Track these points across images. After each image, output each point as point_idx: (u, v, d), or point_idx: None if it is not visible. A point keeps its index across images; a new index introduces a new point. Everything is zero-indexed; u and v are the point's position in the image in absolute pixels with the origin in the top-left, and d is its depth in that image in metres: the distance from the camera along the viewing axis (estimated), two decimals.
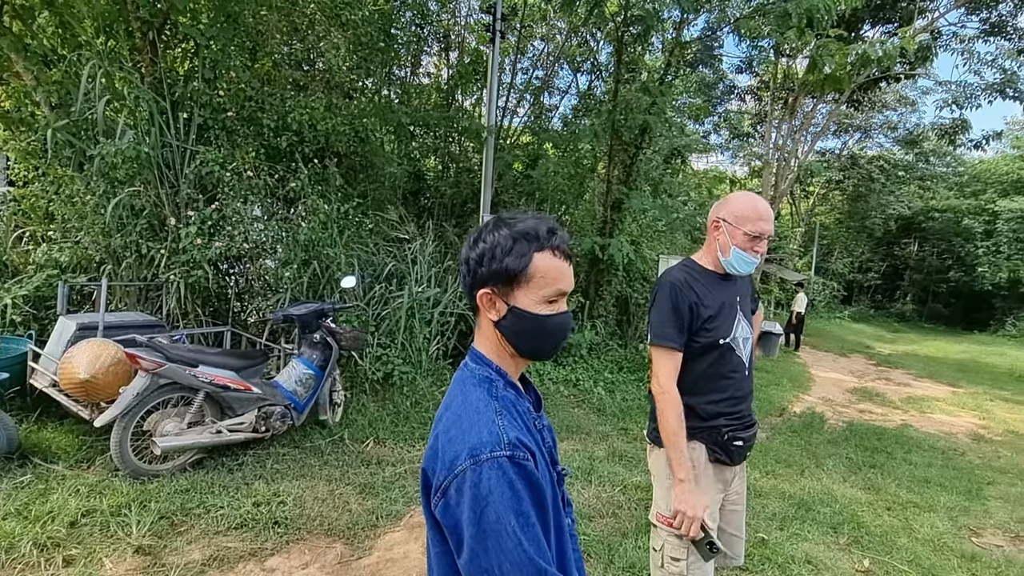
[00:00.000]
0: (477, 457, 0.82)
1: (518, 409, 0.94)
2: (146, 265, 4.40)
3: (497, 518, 0.80)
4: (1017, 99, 12.77)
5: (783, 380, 8.34)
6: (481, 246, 0.94)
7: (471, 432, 0.86)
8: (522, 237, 0.92)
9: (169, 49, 4.92)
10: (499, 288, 0.94)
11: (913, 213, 24.82)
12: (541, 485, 0.86)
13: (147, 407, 3.19)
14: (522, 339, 0.96)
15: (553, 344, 0.99)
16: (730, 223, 1.73)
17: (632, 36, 7.30)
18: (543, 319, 0.94)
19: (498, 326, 0.96)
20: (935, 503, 3.97)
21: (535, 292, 0.93)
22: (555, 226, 0.95)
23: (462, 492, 0.82)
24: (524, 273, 0.92)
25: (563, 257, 0.94)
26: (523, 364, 1.02)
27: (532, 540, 0.81)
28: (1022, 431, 6.29)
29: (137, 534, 2.63)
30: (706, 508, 1.66)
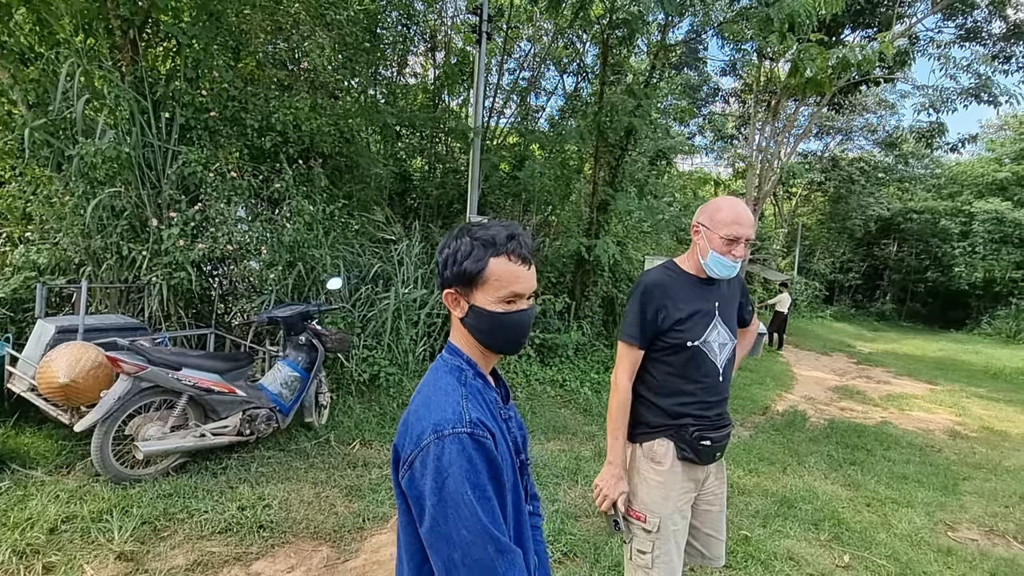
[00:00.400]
0: (440, 432, 0.91)
1: (484, 397, 1.03)
2: (127, 267, 4.34)
3: (456, 488, 0.88)
4: (991, 103, 13.09)
5: (766, 379, 8.46)
6: (446, 251, 1.05)
7: (437, 410, 0.95)
8: (480, 243, 1.02)
9: (150, 48, 4.86)
10: (460, 289, 1.04)
11: (892, 214, 25.29)
12: (498, 463, 0.94)
13: (129, 411, 3.15)
14: (484, 335, 1.05)
15: (513, 339, 1.08)
16: (708, 227, 1.76)
17: (617, 39, 7.35)
18: (500, 316, 1.03)
19: (463, 323, 1.06)
20: (913, 499, 4.06)
21: (491, 293, 1.02)
22: (516, 233, 1.04)
23: (426, 465, 0.90)
24: (480, 275, 1.01)
25: (519, 261, 1.02)
26: (492, 358, 1.11)
27: (488, 511, 0.89)
28: (997, 427, 6.45)
29: (119, 540, 2.59)
30: (622, 493, 1.79)
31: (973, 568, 3.13)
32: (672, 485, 1.78)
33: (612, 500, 1.78)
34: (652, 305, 1.77)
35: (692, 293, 1.80)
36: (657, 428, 1.81)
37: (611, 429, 1.80)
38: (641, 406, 1.82)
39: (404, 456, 0.95)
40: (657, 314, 1.76)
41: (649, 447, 1.81)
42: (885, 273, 27.16)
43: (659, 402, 1.80)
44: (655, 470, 1.79)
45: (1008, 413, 7.27)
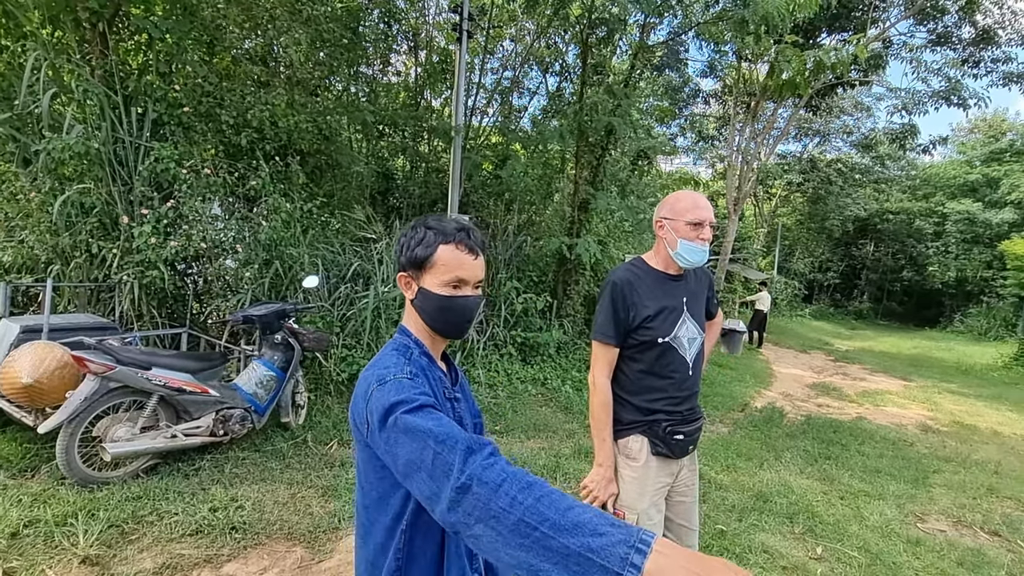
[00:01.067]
0: (382, 380, 1.00)
1: (428, 374, 1.09)
2: (97, 265, 4.24)
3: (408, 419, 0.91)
4: (961, 106, 13.43)
5: (746, 376, 8.56)
6: (403, 240, 1.15)
7: (379, 368, 1.04)
8: (433, 232, 1.11)
9: (121, 41, 4.75)
10: (412, 272, 1.13)
11: (869, 215, 25.83)
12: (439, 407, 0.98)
13: (96, 412, 3.07)
14: (430, 316, 1.13)
15: (456, 322, 1.14)
16: (671, 218, 1.79)
17: (597, 39, 7.39)
18: (445, 299, 1.11)
19: (413, 304, 1.15)
20: (885, 491, 4.13)
21: (438, 276, 1.10)
22: (467, 227, 1.13)
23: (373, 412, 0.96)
24: (428, 260, 1.10)
25: (466, 251, 1.11)
26: (440, 342, 1.19)
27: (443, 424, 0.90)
28: (966, 422, 6.61)
29: (84, 544, 2.52)
30: (613, 496, 1.81)
31: (941, 558, 3.20)
32: (647, 481, 1.79)
33: (602, 502, 1.80)
34: (623, 302, 1.78)
35: (660, 289, 1.82)
36: (630, 425, 1.82)
37: (597, 431, 1.80)
38: (614, 403, 1.83)
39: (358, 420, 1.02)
40: (628, 311, 1.77)
41: (624, 444, 1.83)
42: (862, 272, 27.73)
43: (631, 399, 1.82)
44: (630, 466, 1.80)
45: (978, 408, 7.46)
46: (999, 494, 4.28)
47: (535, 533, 0.73)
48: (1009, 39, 12.52)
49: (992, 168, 21.98)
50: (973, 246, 21.46)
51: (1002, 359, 11.21)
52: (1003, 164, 21.80)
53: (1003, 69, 12.93)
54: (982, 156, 23.23)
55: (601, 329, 1.80)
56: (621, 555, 0.68)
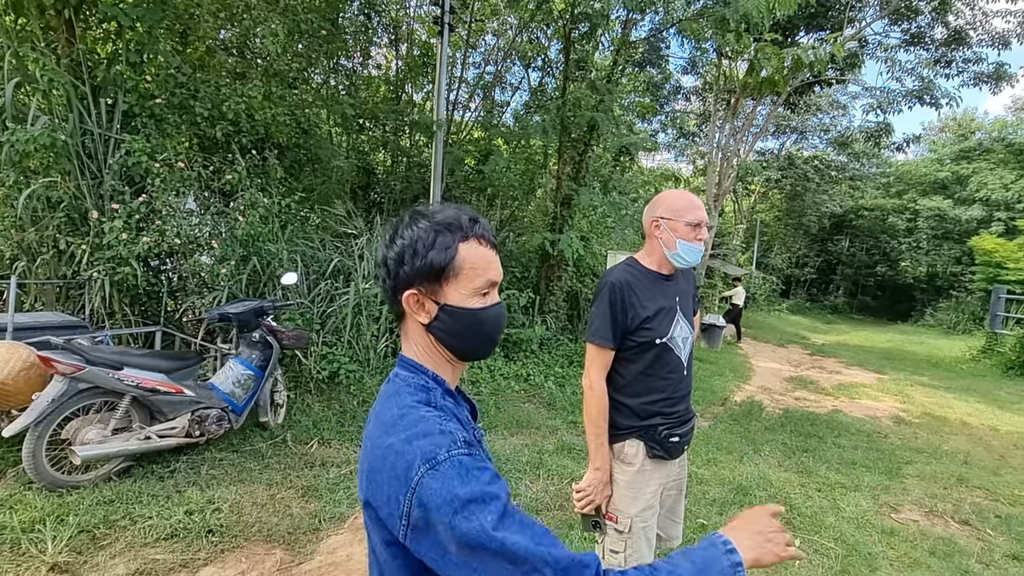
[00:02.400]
0: (433, 458, 0.73)
1: (459, 418, 0.87)
2: (66, 262, 4.10)
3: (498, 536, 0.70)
4: (933, 105, 13.76)
5: (726, 371, 8.68)
6: (400, 243, 0.86)
7: (419, 438, 0.76)
8: (444, 228, 0.85)
9: (89, 29, 4.59)
10: (426, 287, 0.85)
11: (845, 211, 26.37)
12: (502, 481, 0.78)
13: (64, 414, 2.97)
14: (459, 339, 0.88)
15: (491, 340, 0.92)
16: (669, 218, 1.77)
17: (580, 34, 7.37)
18: (479, 313, 0.87)
19: (430, 329, 0.87)
20: (860, 483, 4.22)
21: (466, 285, 0.85)
22: (476, 215, 0.90)
23: (428, 509, 0.71)
24: (451, 266, 0.84)
25: (489, 245, 0.89)
26: (460, 369, 0.95)
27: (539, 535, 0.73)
28: (937, 413, 6.80)
29: (52, 550, 2.44)
30: (608, 497, 1.80)
31: (914, 547, 3.28)
32: (642, 484, 1.79)
33: (597, 504, 1.79)
34: (621, 304, 1.75)
35: (655, 290, 1.81)
36: (627, 430, 1.80)
37: (594, 435, 1.77)
38: (610, 408, 1.80)
39: (393, 512, 0.74)
40: (626, 313, 1.75)
41: (619, 448, 1.81)
42: (838, 268, 28.32)
43: (629, 402, 1.79)
44: (625, 471, 1.80)
45: (947, 400, 7.67)
46: (968, 484, 4.40)
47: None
48: (980, 40, 12.85)
49: (961, 166, 22.59)
50: (943, 242, 22.07)
51: (970, 352, 11.54)
52: (972, 162, 22.43)
53: (974, 69, 13.27)
54: (952, 154, 23.86)
55: (598, 332, 1.76)
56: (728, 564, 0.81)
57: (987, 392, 8.29)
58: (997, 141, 22.11)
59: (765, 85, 9.36)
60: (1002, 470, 4.79)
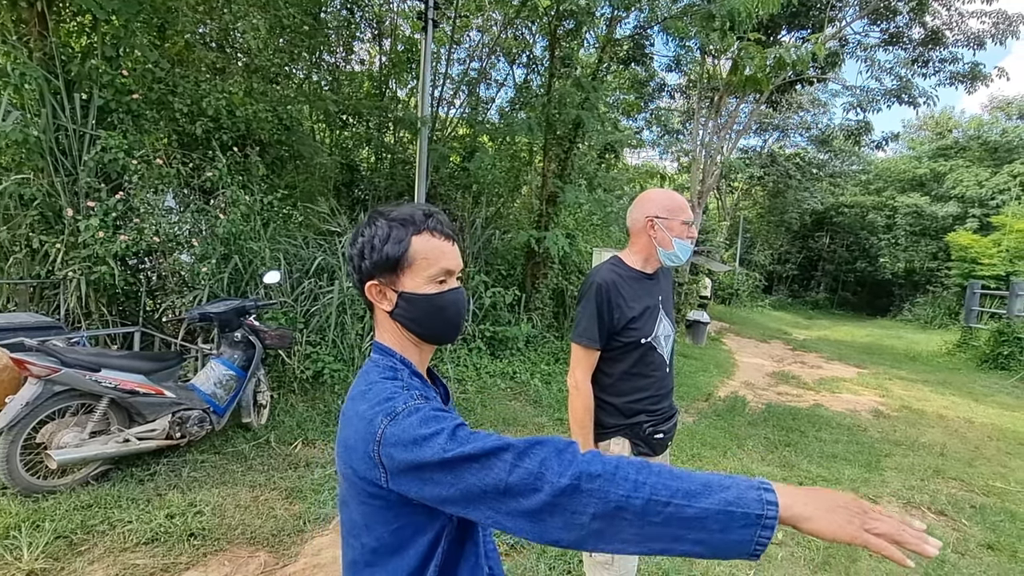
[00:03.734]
0: (392, 412, 0.82)
1: (426, 396, 0.92)
2: (40, 261, 4.00)
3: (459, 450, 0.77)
4: (911, 104, 14.00)
5: (710, 366, 8.77)
6: (360, 240, 0.96)
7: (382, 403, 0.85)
8: (398, 223, 0.94)
9: (62, 22, 4.47)
10: (385, 277, 0.95)
11: (825, 208, 26.75)
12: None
13: (40, 417, 2.91)
14: (419, 323, 0.97)
15: (450, 323, 0.99)
16: (665, 217, 1.78)
17: (565, 31, 7.37)
18: (435, 298, 0.95)
19: (393, 316, 0.97)
20: (840, 476, 4.30)
21: (420, 274, 0.94)
22: (433, 211, 0.97)
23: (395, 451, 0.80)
24: (405, 257, 0.93)
25: (443, 237, 0.96)
26: (428, 352, 1.03)
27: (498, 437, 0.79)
28: (915, 407, 6.94)
29: (28, 557, 2.39)
30: None
31: None
32: None
33: None
34: (607, 305, 1.76)
35: (640, 289, 1.82)
36: (612, 428, 1.82)
37: (580, 433, 1.79)
38: (595, 407, 1.81)
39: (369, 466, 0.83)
40: (612, 313, 1.75)
41: (605, 447, 1.83)
42: (819, 264, 28.75)
43: (614, 401, 1.80)
44: None
45: (924, 393, 7.84)
46: (944, 475, 4.50)
47: (667, 508, 0.72)
48: (956, 40, 13.09)
49: (939, 163, 23.04)
50: (921, 238, 22.51)
51: (946, 346, 11.80)
52: (949, 160, 22.90)
53: (950, 69, 13.52)
54: (930, 152, 24.33)
55: (584, 332, 1.77)
56: (755, 498, 0.72)
57: (962, 385, 8.49)
58: (973, 139, 22.59)
59: (748, 83, 9.44)
60: (976, 461, 4.91)
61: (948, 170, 22.28)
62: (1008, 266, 14.73)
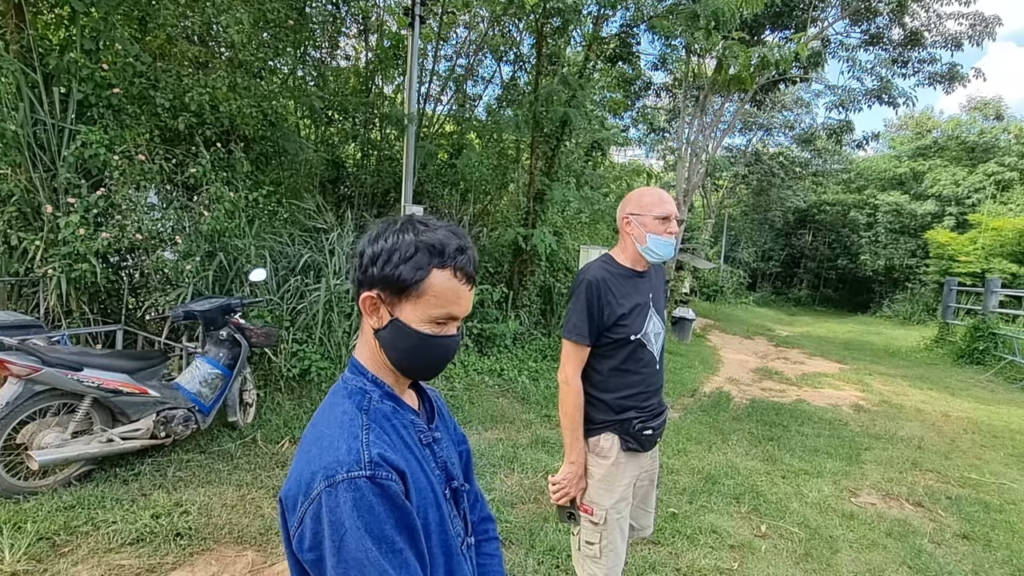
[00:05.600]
0: (332, 479, 0.76)
1: (393, 423, 0.88)
2: (18, 259, 3.92)
3: (356, 546, 0.74)
4: (891, 104, 14.27)
5: (695, 363, 8.87)
6: (380, 244, 0.87)
7: (329, 450, 0.80)
8: (426, 248, 0.85)
9: (40, 14, 4.37)
10: (386, 295, 0.87)
11: (808, 206, 27.15)
12: (407, 508, 0.81)
13: (20, 417, 2.86)
14: (400, 354, 0.89)
15: (432, 366, 0.92)
16: (638, 214, 1.80)
17: (552, 29, 7.38)
18: (427, 339, 0.87)
19: (377, 335, 0.89)
20: (822, 469, 4.39)
21: (424, 309, 0.86)
22: (466, 245, 0.89)
23: (319, 520, 0.75)
24: (417, 287, 0.85)
25: (464, 280, 0.88)
26: (404, 380, 0.95)
27: (398, 566, 0.76)
28: (894, 401, 7.10)
29: (10, 559, 2.35)
30: (583, 490, 1.84)
31: (872, 529, 3.44)
32: (617, 477, 1.83)
33: (572, 497, 1.83)
34: (597, 302, 1.78)
35: (630, 286, 1.84)
36: (602, 424, 1.84)
37: (570, 429, 1.81)
38: (585, 402, 1.83)
39: (293, 510, 0.79)
40: (602, 310, 1.77)
41: (595, 442, 1.85)
42: (802, 261, 29.16)
43: (603, 397, 1.83)
44: (600, 464, 1.83)
45: (903, 388, 8.02)
46: (922, 467, 4.62)
47: None
48: (934, 41, 13.35)
49: (918, 163, 23.48)
50: (900, 236, 22.93)
51: (924, 342, 12.07)
52: (928, 159, 23.34)
53: (928, 69, 13.80)
54: (910, 151, 24.78)
55: (575, 329, 1.79)
56: None
57: (939, 380, 8.70)
58: (952, 139, 23.03)
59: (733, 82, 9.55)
60: (952, 454, 5.05)
61: (927, 169, 22.72)
62: (984, 263, 15.08)
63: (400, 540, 0.78)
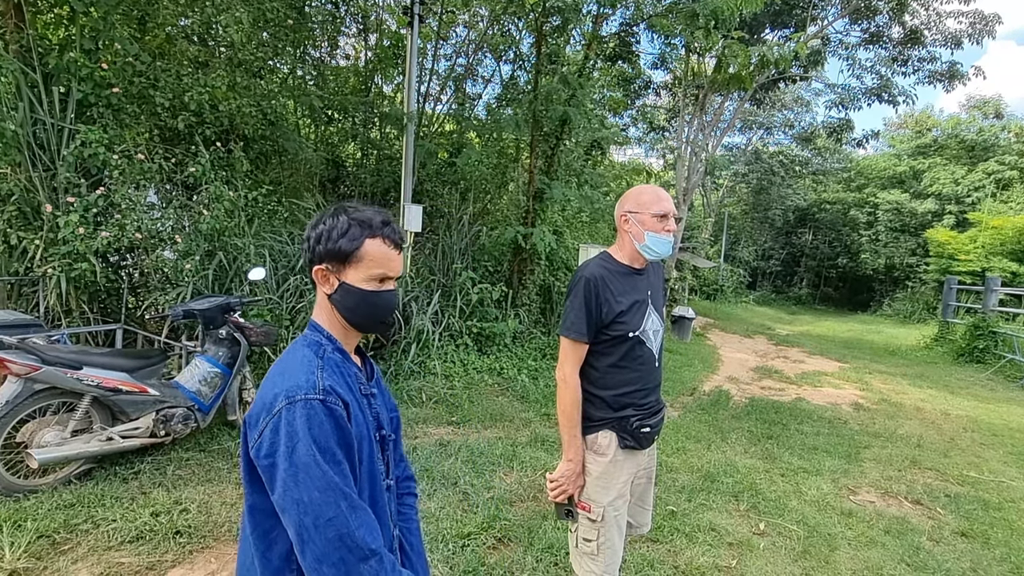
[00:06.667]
0: (292, 398, 0.95)
1: (343, 370, 1.07)
2: (18, 258, 3.93)
3: (306, 451, 0.92)
4: (891, 102, 14.26)
5: (695, 361, 8.88)
6: (320, 227, 1.07)
7: (290, 377, 0.98)
8: (357, 223, 1.06)
9: (39, 14, 4.38)
10: (333, 265, 1.07)
11: (808, 205, 27.13)
12: (349, 430, 0.99)
13: (20, 416, 2.87)
14: (351, 312, 1.10)
15: (378, 318, 1.12)
16: (636, 211, 1.81)
17: (552, 27, 7.38)
18: (370, 295, 1.08)
19: (330, 299, 1.10)
20: (821, 467, 4.39)
21: (364, 272, 1.07)
22: (389, 219, 1.10)
23: (277, 431, 0.93)
24: (355, 254, 1.06)
25: (392, 246, 1.09)
26: (355, 336, 1.15)
27: (338, 472, 0.94)
28: (893, 400, 7.10)
29: (11, 557, 2.36)
30: (580, 487, 1.85)
31: (870, 527, 3.44)
32: (614, 474, 1.83)
33: (569, 494, 1.84)
34: (595, 299, 1.78)
35: (628, 284, 1.84)
36: (600, 421, 1.84)
37: (568, 427, 1.81)
38: (583, 400, 1.83)
39: (256, 425, 0.96)
40: (600, 308, 1.78)
41: (592, 439, 1.85)
42: (802, 260, 29.13)
43: (602, 394, 1.83)
44: (598, 462, 1.83)
45: (903, 386, 8.03)
46: (921, 466, 4.63)
47: None
48: (934, 39, 13.35)
49: (918, 161, 23.46)
50: (900, 234, 22.90)
51: (924, 340, 12.06)
52: (928, 158, 23.32)
53: (928, 68, 13.79)
54: (910, 150, 24.76)
55: (573, 326, 1.79)
56: None
57: (939, 378, 8.70)
58: (951, 138, 22.99)
59: (732, 81, 9.55)
60: (952, 452, 5.05)
61: (927, 168, 22.69)
62: (984, 262, 15.07)
63: (340, 454, 0.96)
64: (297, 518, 0.91)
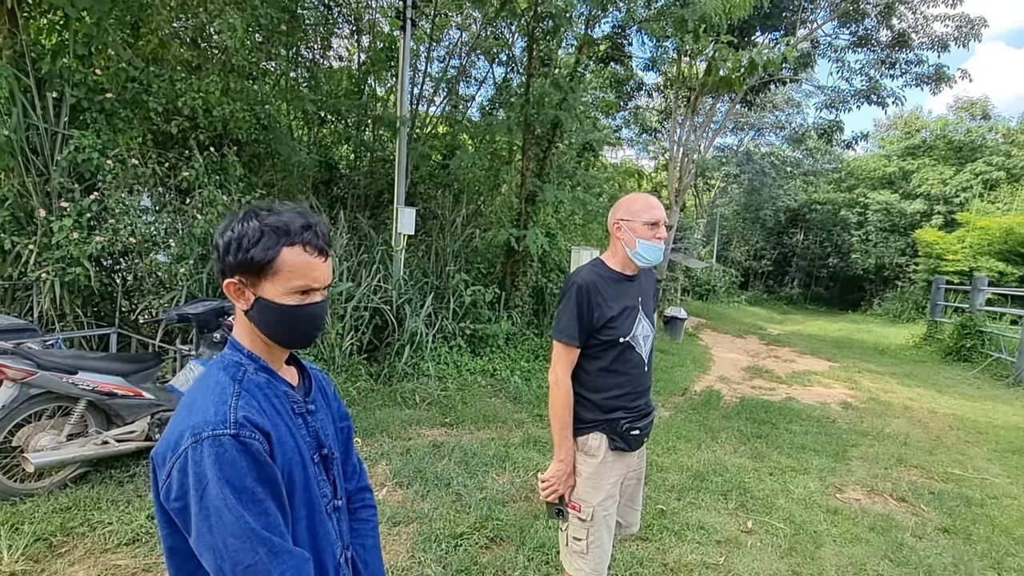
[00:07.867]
0: (199, 436, 0.84)
1: (266, 392, 0.96)
2: (11, 262, 3.94)
3: (216, 494, 0.82)
4: (880, 104, 14.42)
5: (687, 361, 8.95)
6: (228, 235, 0.94)
7: (198, 412, 0.88)
8: (271, 230, 0.92)
9: (32, 20, 4.39)
10: (246, 278, 0.94)
11: (799, 205, 27.37)
12: (268, 464, 0.88)
13: (15, 420, 2.89)
14: (271, 328, 0.97)
15: (303, 334, 1.00)
16: (628, 219, 1.86)
17: (544, 31, 7.44)
18: (291, 310, 0.95)
19: (247, 315, 0.97)
20: (809, 466, 4.47)
21: (281, 284, 0.93)
22: (312, 222, 0.96)
23: (185, 472, 0.84)
24: (271, 265, 0.92)
25: (316, 252, 0.95)
26: (282, 352, 1.03)
27: (257, 514, 0.85)
28: (882, 398, 7.21)
29: (8, 560, 2.39)
30: (571, 487, 1.89)
31: (856, 525, 3.52)
32: (604, 475, 1.88)
33: (560, 494, 1.89)
34: (587, 304, 1.83)
35: (620, 290, 1.90)
36: (590, 423, 1.89)
37: (559, 428, 1.86)
38: (575, 402, 1.88)
39: (163, 465, 0.87)
40: (592, 313, 1.83)
41: (583, 441, 1.90)
42: (793, 260, 29.37)
43: (592, 397, 1.88)
44: (588, 463, 1.89)
45: (892, 385, 8.14)
46: (907, 463, 4.72)
47: None
48: (921, 43, 13.52)
49: (907, 162, 23.72)
50: (890, 235, 23.14)
51: (913, 339, 12.22)
52: (917, 158, 23.58)
53: (916, 71, 13.96)
54: (899, 151, 25.02)
55: (565, 330, 1.84)
56: None
57: (927, 377, 8.83)
58: (940, 139, 23.26)
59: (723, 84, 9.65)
60: (937, 450, 5.15)
61: (916, 168, 22.94)
62: (971, 262, 15.26)
63: (261, 492, 0.86)
64: (215, 564, 0.84)
